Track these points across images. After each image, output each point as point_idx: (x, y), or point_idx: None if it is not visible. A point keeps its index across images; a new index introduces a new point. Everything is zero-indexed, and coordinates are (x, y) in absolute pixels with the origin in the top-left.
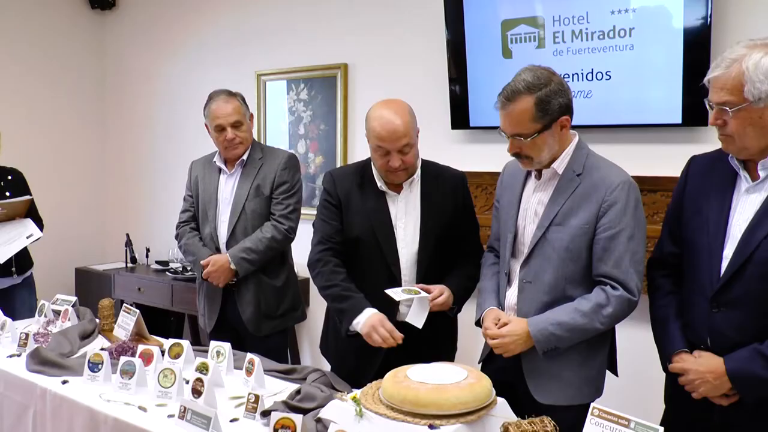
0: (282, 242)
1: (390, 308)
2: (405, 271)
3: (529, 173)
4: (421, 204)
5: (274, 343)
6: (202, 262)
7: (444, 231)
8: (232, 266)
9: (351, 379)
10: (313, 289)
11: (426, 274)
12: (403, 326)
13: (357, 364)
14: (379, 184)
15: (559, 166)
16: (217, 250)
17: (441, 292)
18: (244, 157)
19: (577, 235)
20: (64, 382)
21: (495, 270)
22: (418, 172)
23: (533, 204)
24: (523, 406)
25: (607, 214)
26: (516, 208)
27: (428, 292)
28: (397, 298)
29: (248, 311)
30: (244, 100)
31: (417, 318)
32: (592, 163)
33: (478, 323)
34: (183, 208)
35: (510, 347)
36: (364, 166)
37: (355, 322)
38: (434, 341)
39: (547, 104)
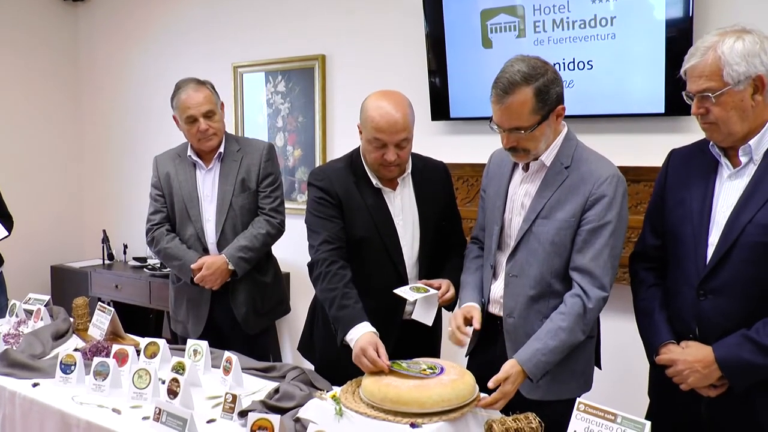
0: (276, 237)
1: (397, 307)
2: (409, 269)
3: (515, 164)
4: (416, 199)
5: (260, 342)
6: (193, 266)
7: (439, 224)
8: (231, 267)
9: (338, 375)
10: (295, 283)
11: (427, 272)
12: (407, 323)
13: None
14: (374, 181)
15: (547, 157)
16: (205, 251)
17: (448, 287)
18: (221, 149)
19: (563, 228)
20: (35, 385)
21: (478, 264)
22: (409, 166)
23: (520, 196)
24: (512, 402)
25: (593, 207)
26: (503, 200)
27: (432, 286)
28: (410, 299)
29: (242, 311)
30: (214, 87)
31: (426, 315)
32: (581, 156)
33: None
34: (153, 209)
35: (512, 393)
36: (354, 163)
37: (348, 338)
38: (419, 335)
39: (545, 94)
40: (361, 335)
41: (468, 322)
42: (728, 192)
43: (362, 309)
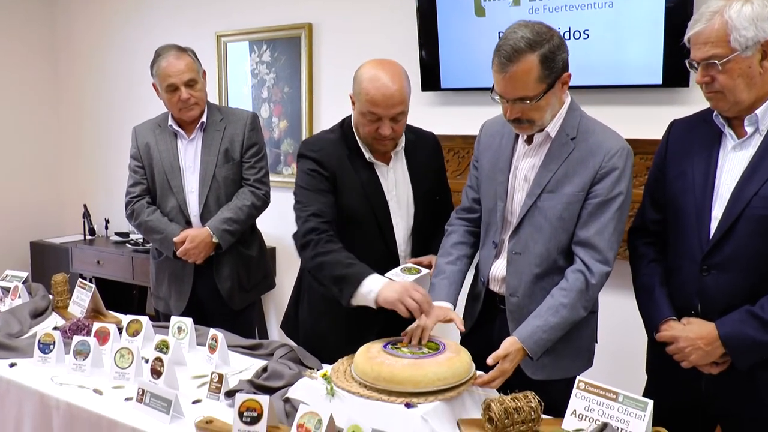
0: (261, 208)
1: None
2: (401, 248)
3: (517, 135)
4: (409, 173)
5: (244, 318)
6: (175, 239)
7: (432, 198)
8: (215, 239)
9: (325, 353)
10: (280, 258)
11: (419, 249)
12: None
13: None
14: (367, 155)
15: (552, 129)
16: (188, 224)
17: None
18: (203, 119)
19: (572, 202)
20: (12, 365)
21: (461, 252)
22: (402, 138)
23: (523, 170)
24: (510, 381)
25: (603, 180)
26: (506, 175)
27: (422, 264)
28: (405, 281)
29: (227, 285)
30: (195, 55)
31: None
32: (587, 126)
33: None
34: (132, 181)
35: (510, 371)
36: (345, 135)
37: (365, 290)
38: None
39: (552, 61)
40: (383, 285)
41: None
42: (732, 164)
43: (359, 258)
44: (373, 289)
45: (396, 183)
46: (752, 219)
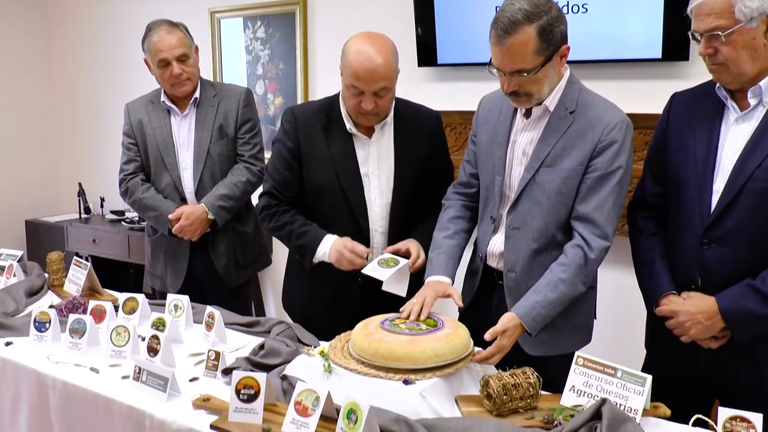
0: (256, 185)
1: (353, 275)
2: (375, 224)
3: (515, 109)
4: (395, 149)
5: (240, 295)
6: (170, 216)
7: (419, 178)
8: (210, 216)
9: (318, 333)
10: None
11: (399, 225)
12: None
13: (322, 319)
14: (348, 125)
15: (551, 102)
16: (183, 201)
17: (418, 254)
18: (196, 95)
19: (570, 177)
20: (8, 344)
21: (459, 226)
22: (391, 113)
23: (521, 144)
24: (509, 357)
25: (602, 154)
26: (504, 149)
27: (399, 253)
28: (383, 278)
29: (223, 263)
30: (187, 30)
31: (398, 286)
32: (586, 100)
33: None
34: (126, 158)
35: (508, 347)
36: (331, 104)
37: (320, 254)
38: (408, 288)
39: (550, 33)
40: (332, 243)
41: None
42: (735, 136)
43: (319, 227)
44: (325, 252)
45: (378, 157)
46: (754, 192)
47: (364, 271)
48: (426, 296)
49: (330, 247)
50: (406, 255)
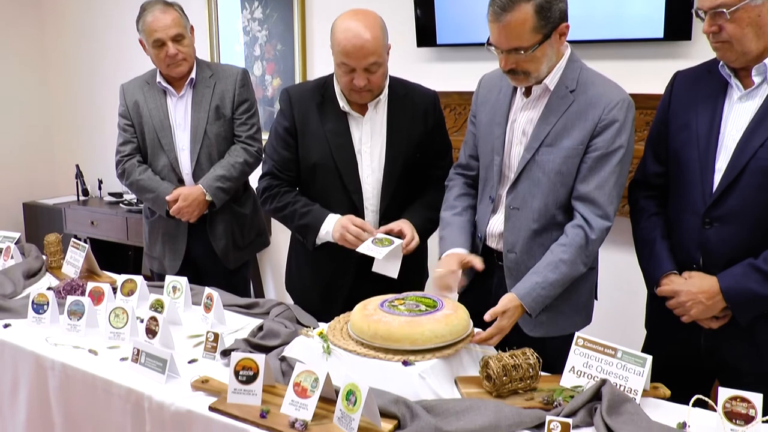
0: (254, 165)
1: (350, 254)
2: (368, 201)
3: (515, 89)
4: (387, 127)
5: (239, 277)
6: (168, 197)
7: (412, 156)
8: (208, 198)
9: (316, 315)
10: None
11: (390, 204)
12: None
13: (322, 299)
14: (342, 104)
15: (551, 81)
16: (180, 182)
17: (412, 235)
18: (192, 75)
19: (570, 156)
20: (6, 326)
21: (466, 203)
22: (386, 91)
23: (521, 123)
24: (508, 338)
25: (602, 133)
26: (503, 128)
27: (392, 233)
28: (379, 256)
29: (221, 244)
30: (182, 10)
31: (391, 267)
32: (587, 78)
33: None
34: (122, 140)
35: (508, 328)
36: (326, 83)
37: (323, 233)
38: (403, 271)
39: (548, 11)
40: (335, 221)
41: (464, 266)
42: (738, 114)
43: (321, 207)
44: (328, 230)
45: (372, 134)
46: (757, 170)
47: (359, 249)
48: (448, 259)
49: (333, 225)
50: (400, 236)
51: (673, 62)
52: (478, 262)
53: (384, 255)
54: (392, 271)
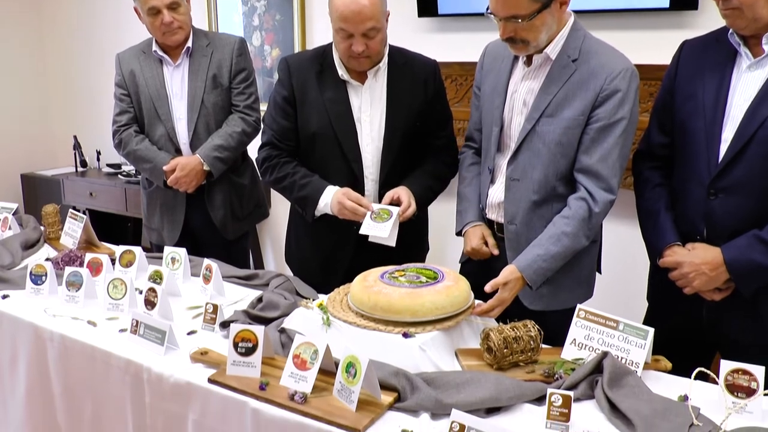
0: (252, 135)
1: (350, 225)
2: (368, 170)
3: (516, 58)
4: (387, 95)
5: (238, 248)
6: (165, 167)
7: (412, 125)
8: (206, 167)
9: (316, 286)
10: None
11: (390, 173)
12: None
13: (321, 271)
14: (341, 72)
15: (553, 50)
16: (177, 152)
17: (408, 202)
18: (189, 44)
19: (571, 127)
20: (5, 297)
21: (475, 172)
22: (385, 59)
23: (522, 93)
24: (510, 311)
25: (605, 103)
26: (502, 98)
27: (390, 201)
28: (385, 235)
29: (220, 215)
30: None
31: (388, 234)
32: (590, 47)
33: (460, 233)
34: (119, 110)
35: (509, 300)
36: (325, 52)
37: (321, 205)
38: (403, 242)
39: None
40: (333, 194)
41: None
42: (747, 84)
43: (320, 178)
44: (327, 203)
45: (371, 103)
46: (765, 140)
47: (363, 231)
48: (473, 235)
49: (332, 198)
50: (397, 203)
51: (679, 32)
52: (492, 246)
53: (390, 232)
54: (390, 240)
